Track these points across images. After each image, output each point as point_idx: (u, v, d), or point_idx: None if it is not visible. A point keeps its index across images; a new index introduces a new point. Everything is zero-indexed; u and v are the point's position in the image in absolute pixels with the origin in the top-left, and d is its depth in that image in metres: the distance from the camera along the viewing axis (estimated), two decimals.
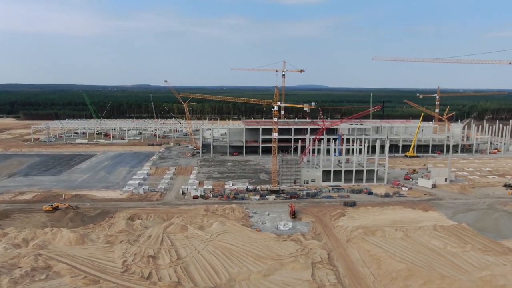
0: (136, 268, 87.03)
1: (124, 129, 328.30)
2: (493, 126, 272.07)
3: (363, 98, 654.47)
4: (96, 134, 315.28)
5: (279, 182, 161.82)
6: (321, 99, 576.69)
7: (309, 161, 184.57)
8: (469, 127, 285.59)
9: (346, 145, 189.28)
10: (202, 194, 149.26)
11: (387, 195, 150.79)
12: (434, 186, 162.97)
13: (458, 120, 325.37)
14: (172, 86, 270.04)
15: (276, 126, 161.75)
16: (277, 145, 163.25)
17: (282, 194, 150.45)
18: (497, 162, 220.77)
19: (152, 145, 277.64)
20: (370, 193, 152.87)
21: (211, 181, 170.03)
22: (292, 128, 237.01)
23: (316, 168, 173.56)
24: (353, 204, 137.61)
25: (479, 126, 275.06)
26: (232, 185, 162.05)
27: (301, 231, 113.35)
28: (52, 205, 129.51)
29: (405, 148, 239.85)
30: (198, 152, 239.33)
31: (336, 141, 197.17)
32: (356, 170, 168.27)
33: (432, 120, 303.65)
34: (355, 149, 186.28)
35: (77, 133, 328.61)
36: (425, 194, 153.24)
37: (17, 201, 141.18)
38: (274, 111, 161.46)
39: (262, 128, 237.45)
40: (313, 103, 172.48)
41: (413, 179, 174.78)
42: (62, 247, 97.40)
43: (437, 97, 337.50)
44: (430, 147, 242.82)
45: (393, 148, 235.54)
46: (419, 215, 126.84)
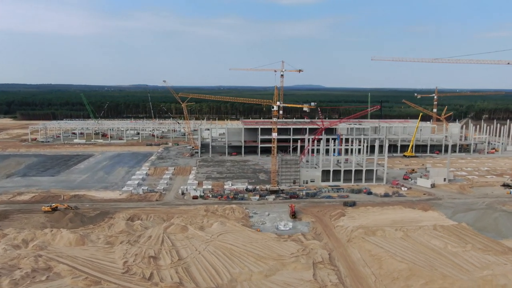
0: (137, 269, 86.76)
1: (122, 129, 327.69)
2: (491, 126, 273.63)
3: (361, 98, 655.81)
4: (94, 134, 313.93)
5: (279, 182, 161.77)
6: (319, 99, 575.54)
7: (308, 161, 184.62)
8: (467, 127, 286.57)
9: (345, 145, 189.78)
10: (202, 195, 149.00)
11: (387, 195, 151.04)
12: (433, 186, 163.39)
13: (456, 120, 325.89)
14: (170, 86, 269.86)
15: (276, 126, 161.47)
16: (276, 145, 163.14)
17: (282, 194, 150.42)
18: (495, 162, 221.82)
19: (151, 145, 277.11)
20: (370, 193, 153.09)
21: (210, 181, 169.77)
22: (291, 128, 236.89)
23: (315, 168, 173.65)
24: (353, 204, 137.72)
25: (477, 126, 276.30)
26: (232, 185, 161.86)
27: (302, 231, 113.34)
28: (51, 206, 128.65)
29: (404, 148, 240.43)
30: (197, 152, 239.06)
31: (335, 141, 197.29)
32: (355, 170, 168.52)
33: (430, 120, 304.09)
34: (354, 149, 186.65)
35: (75, 133, 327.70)
36: (424, 194, 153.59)
37: (16, 202, 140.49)
38: (274, 111, 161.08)
39: (261, 128, 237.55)
40: (313, 103, 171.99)
41: (412, 179, 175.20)
42: (62, 248, 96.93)
43: (435, 97, 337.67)
44: (428, 147, 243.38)
45: (392, 148, 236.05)
46: (419, 215, 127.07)
